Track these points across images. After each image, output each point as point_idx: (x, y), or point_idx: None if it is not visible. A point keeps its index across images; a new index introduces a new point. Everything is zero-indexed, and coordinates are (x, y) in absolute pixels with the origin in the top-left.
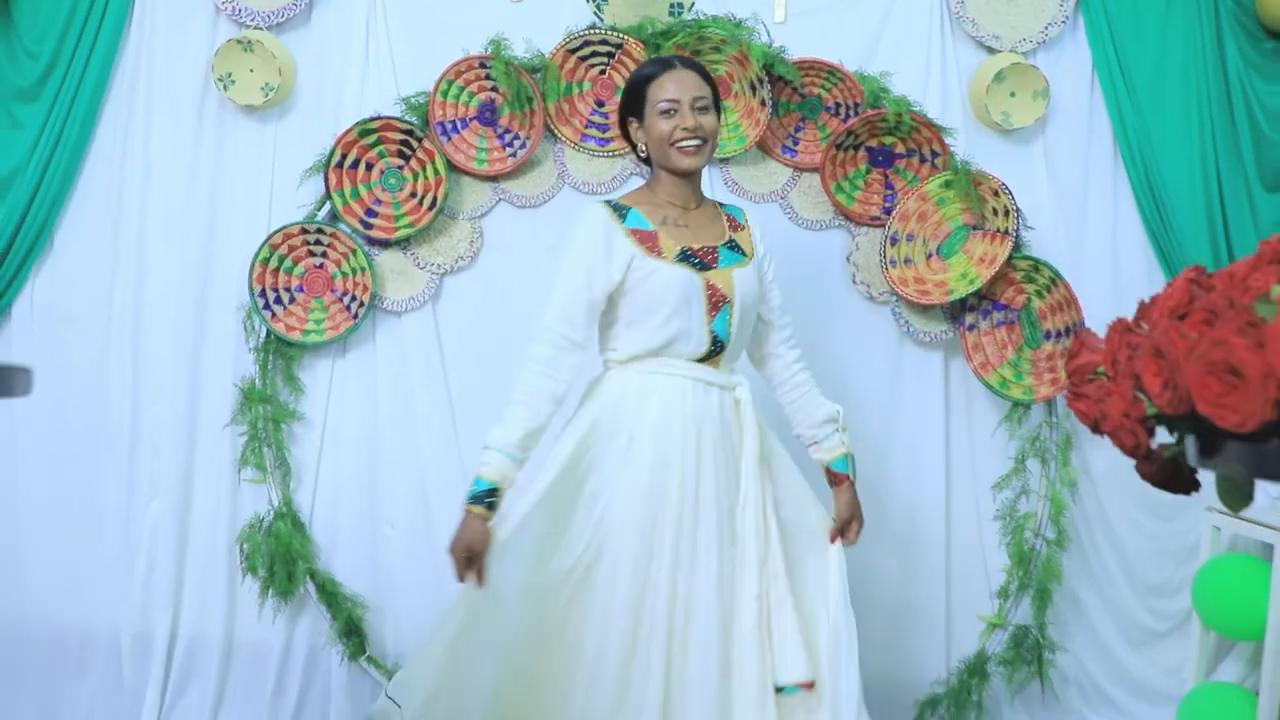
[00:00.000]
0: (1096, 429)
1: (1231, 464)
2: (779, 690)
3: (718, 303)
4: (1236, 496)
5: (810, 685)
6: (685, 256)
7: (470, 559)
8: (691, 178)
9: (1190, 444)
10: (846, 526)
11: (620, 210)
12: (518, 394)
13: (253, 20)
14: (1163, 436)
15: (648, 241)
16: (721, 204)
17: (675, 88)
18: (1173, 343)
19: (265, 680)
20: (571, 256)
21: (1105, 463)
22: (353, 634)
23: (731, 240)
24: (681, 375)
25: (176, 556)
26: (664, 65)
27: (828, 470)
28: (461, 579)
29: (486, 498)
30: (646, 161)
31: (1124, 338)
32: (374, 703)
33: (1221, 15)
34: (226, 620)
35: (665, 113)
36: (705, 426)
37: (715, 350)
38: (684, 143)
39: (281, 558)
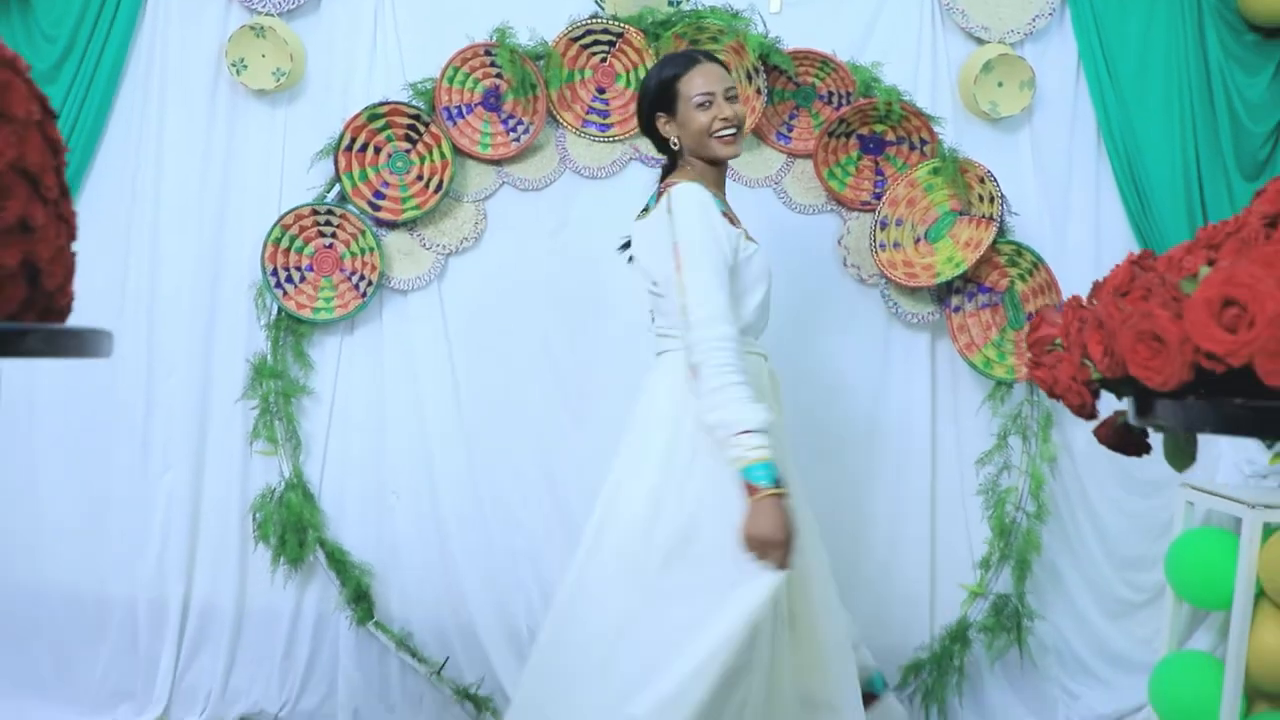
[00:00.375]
0: (1052, 393)
1: (1160, 418)
2: None
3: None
4: (1180, 457)
5: None
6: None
7: (789, 542)
8: (724, 166)
9: (1129, 404)
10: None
11: (714, 199)
12: (734, 375)
13: (264, 7)
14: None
15: (736, 224)
16: None
17: (707, 80)
18: (1111, 316)
19: (275, 644)
20: (705, 235)
21: (1086, 441)
22: (361, 600)
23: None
24: (759, 354)
25: (190, 526)
26: (691, 60)
27: None
28: (785, 567)
29: (777, 477)
30: (674, 154)
31: (1076, 313)
32: (380, 665)
33: (1204, 8)
34: (238, 587)
35: (701, 105)
36: (774, 402)
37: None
38: (722, 132)
39: (293, 527)
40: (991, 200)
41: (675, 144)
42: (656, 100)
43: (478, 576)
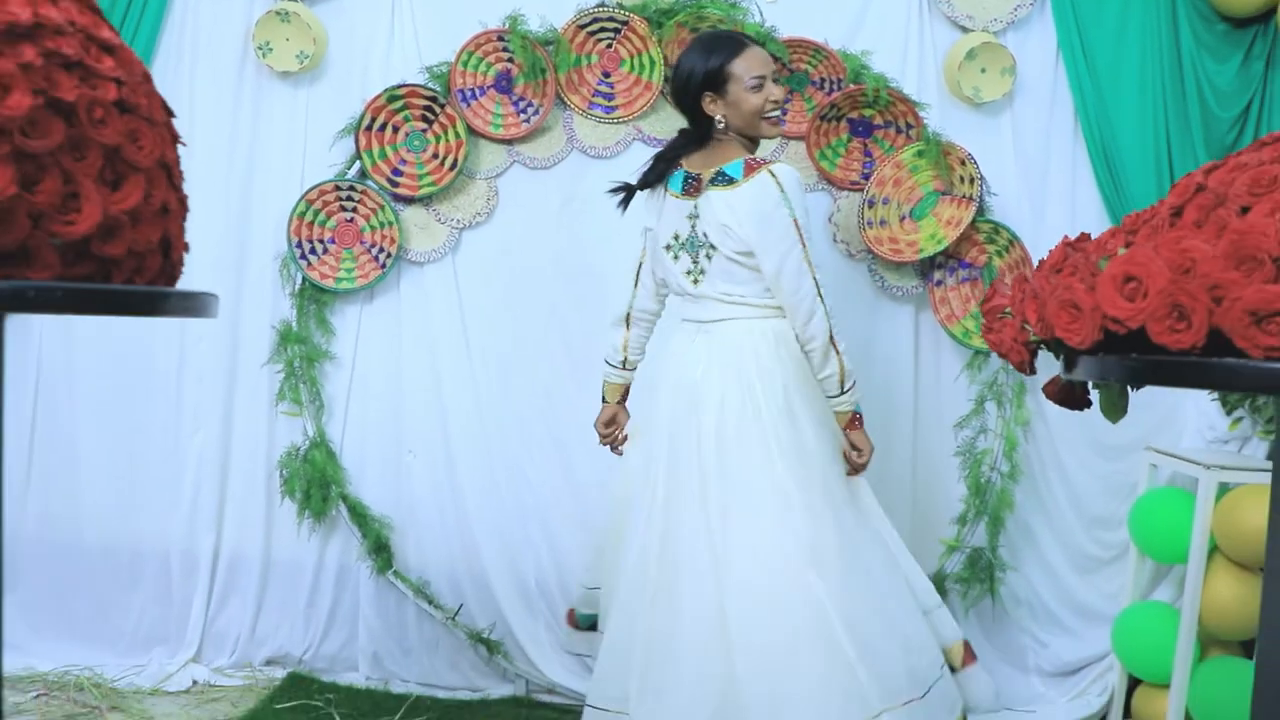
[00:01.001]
0: (1000, 353)
1: (1080, 372)
2: None
3: None
4: (1113, 410)
5: None
6: None
7: None
8: (759, 144)
9: (1060, 362)
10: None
11: None
12: (834, 337)
13: None
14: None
15: None
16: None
17: (759, 64)
18: (1043, 288)
19: (300, 593)
20: (801, 215)
21: (1059, 408)
22: (380, 551)
23: None
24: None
25: (219, 481)
26: (739, 44)
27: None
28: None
29: None
30: (706, 131)
31: (1021, 286)
32: (398, 612)
33: None
34: (264, 539)
35: (754, 87)
36: None
37: None
38: (772, 113)
39: (316, 483)
40: (972, 181)
41: (721, 122)
42: (706, 81)
43: (489, 529)
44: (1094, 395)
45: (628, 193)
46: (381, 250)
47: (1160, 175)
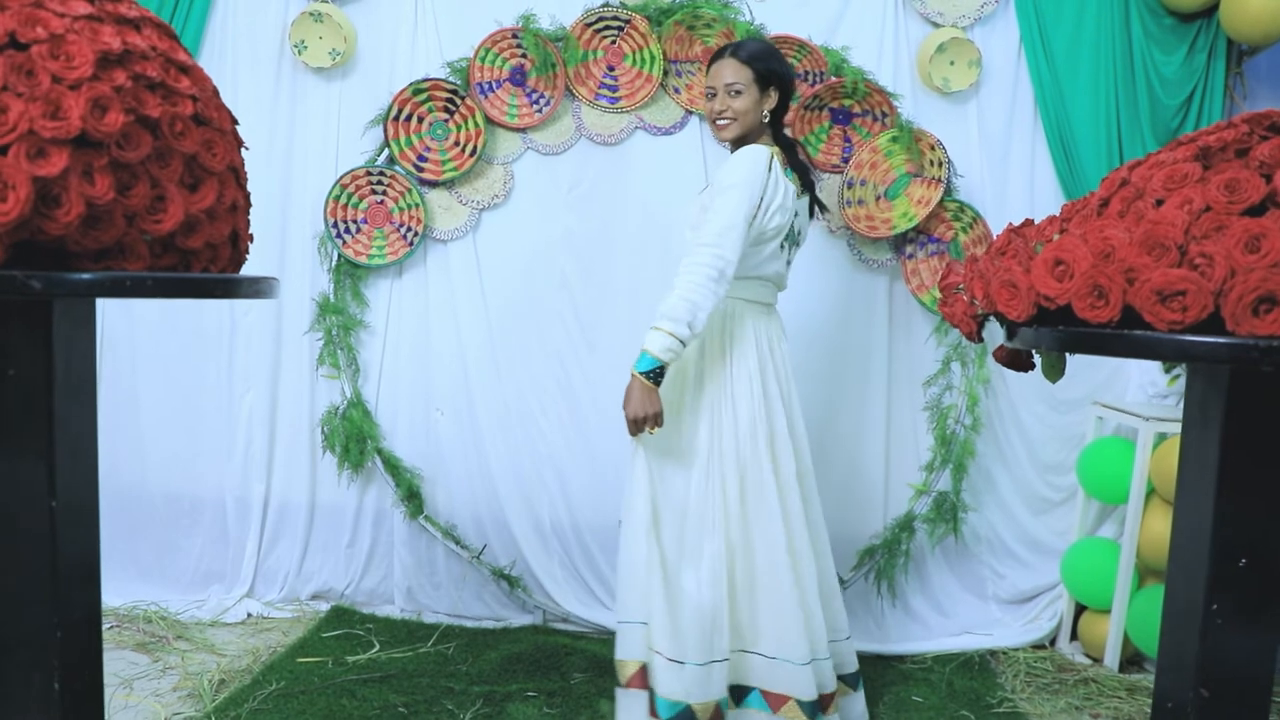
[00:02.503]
0: (953, 323)
1: (1019, 340)
2: None
3: None
4: (1052, 371)
5: None
6: None
7: None
8: (741, 143)
9: (1004, 332)
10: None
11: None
12: None
13: None
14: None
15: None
16: None
17: (712, 77)
18: (988, 269)
19: (341, 535)
20: None
21: None
22: (412, 498)
23: None
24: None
25: (268, 436)
26: (714, 58)
27: None
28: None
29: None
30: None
31: (972, 266)
32: (429, 551)
33: None
34: (309, 487)
35: (709, 97)
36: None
37: None
38: (715, 121)
39: (354, 438)
40: (940, 165)
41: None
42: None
43: (509, 477)
44: (1037, 360)
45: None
46: (409, 229)
47: (1111, 157)
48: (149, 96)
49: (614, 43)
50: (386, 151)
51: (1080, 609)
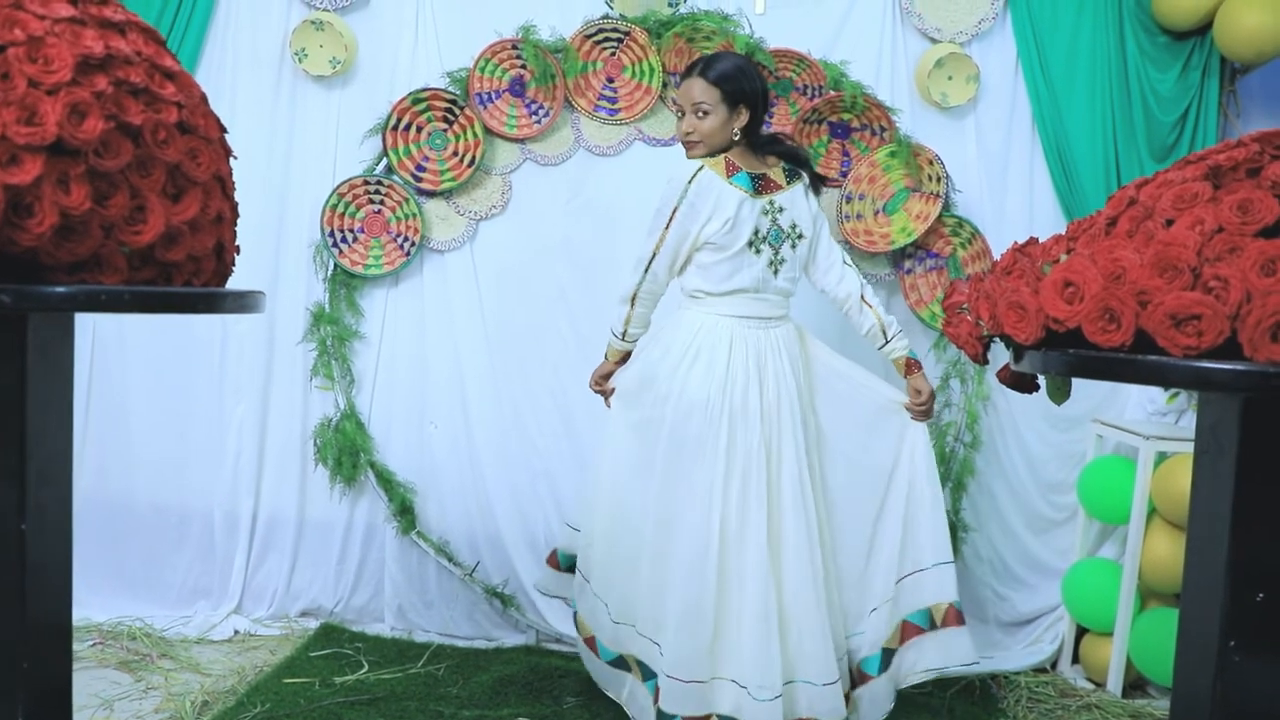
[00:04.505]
0: (957, 344)
1: (1027, 364)
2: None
3: None
4: (1058, 394)
5: None
6: None
7: None
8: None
9: (1010, 354)
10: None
11: None
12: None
13: (321, 4)
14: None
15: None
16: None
17: (681, 95)
18: (994, 289)
19: (331, 551)
20: None
21: None
22: (405, 513)
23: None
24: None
25: (258, 449)
26: (685, 74)
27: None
28: None
29: None
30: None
31: (976, 286)
32: (420, 568)
33: (1125, 14)
34: (299, 502)
35: (678, 115)
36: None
37: None
38: (683, 141)
39: (347, 450)
40: (939, 179)
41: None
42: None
43: (503, 493)
44: (1041, 381)
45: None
46: (406, 239)
47: (1108, 173)
48: (131, 103)
49: (613, 54)
50: (385, 161)
51: (1082, 631)
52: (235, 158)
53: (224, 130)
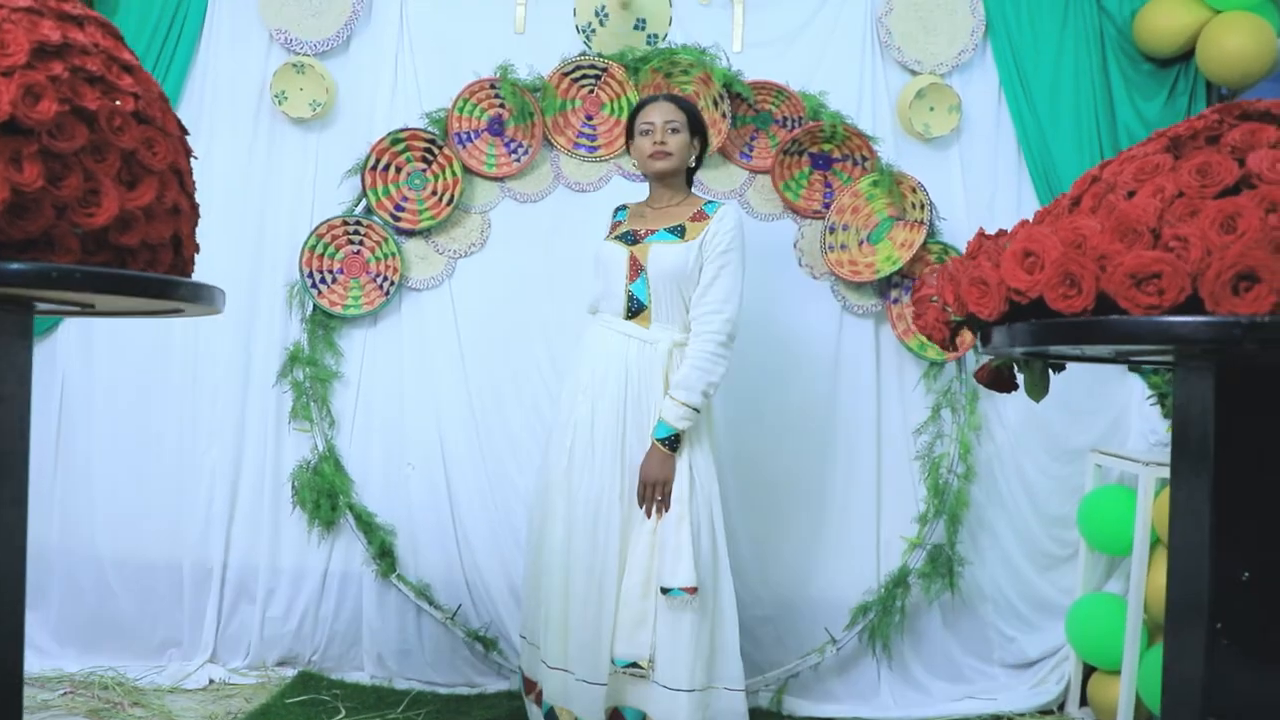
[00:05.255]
0: (926, 335)
1: (995, 344)
2: (665, 591)
3: (636, 271)
4: (1036, 389)
5: (693, 590)
6: (623, 236)
7: None
8: (663, 180)
9: (979, 339)
10: (641, 487)
11: (618, 209)
12: None
13: (301, 48)
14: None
15: (613, 229)
16: (708, 202)
17: (648, 114)
18: (958, 270)
19: (307, 598)
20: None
21: (1018, 414)
22: (385, 556)
23: (679, 225)
24: (607, 327)
25: (230, 495)
26: (649, 100)
27: None
28: None
29: None
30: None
31: (943, 272)
32: (400, 613)
33: (1106, 42)
34: (272, 548)
35: (641, 133)
36: (613, 365)
37: (635, 309)
38: (652, 155)
39: (325, 493)
40: (922, 207)
41: (636, 167)
42: (627, 132)
43: (483, 535)
44: (1020, 379)
45: None
46: (385, 279)
47: None
48: (87, 90)
49: (592, 92)
50: (364, 201)
51: (1089, 670)
52: (195, 157)
53: (185, 130)
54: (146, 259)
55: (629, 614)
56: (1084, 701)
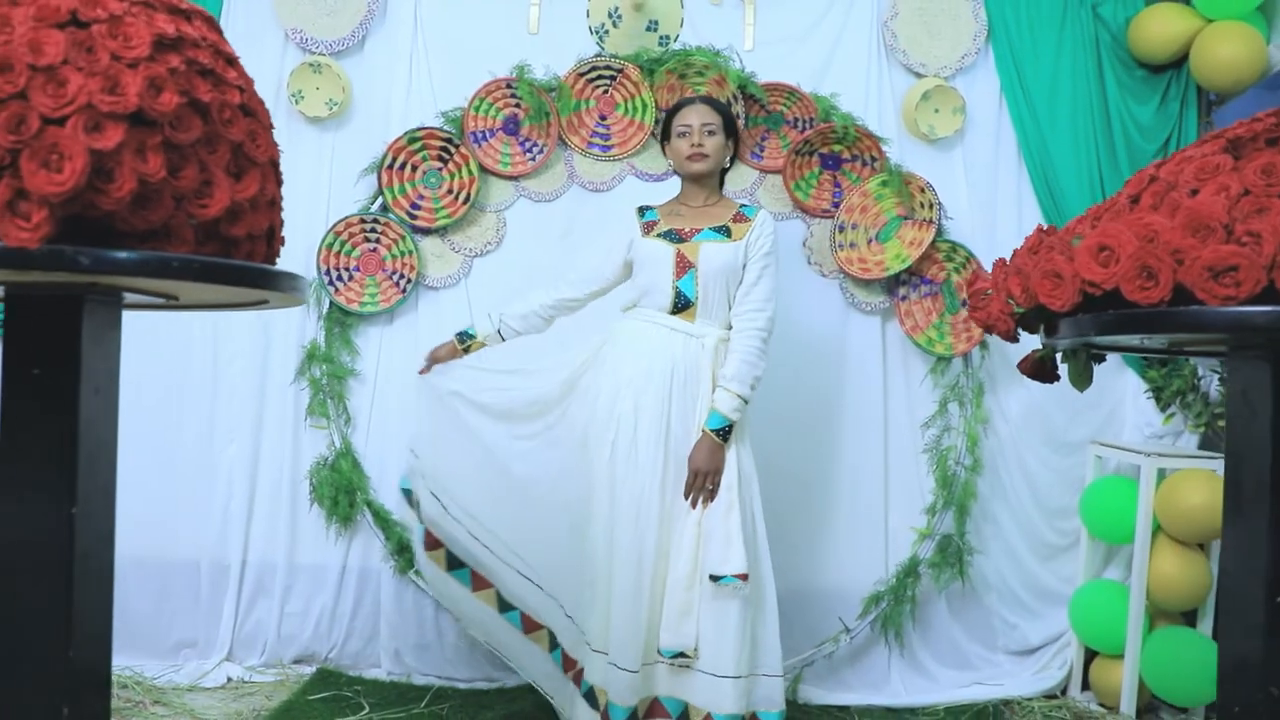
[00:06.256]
0: (987, 327)
1: (1063, 333)
2: (715, 579)
3: (684, 268)
4: (1080, 379)
5: (744, 577)
6: (666, 234)
7: None
8: (698, 181)
9: (1042, 329)
10: (692, 476)
11: (643, 210)
12: None
13: (316, 47)
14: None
15: (648, 228)
16: (743, 205)
17: (684, 116)
18: (1026, 264)
19: (325, 595)
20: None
21: (1019, 408)
22: (402, 552)
23: (724, 226)
24: (650, 321)
25: (248, 493)
26: (685, 102)
27: None
28: None
29: None
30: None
31: (1001, 269)
32: (417, 609)
33: (1102, 49)
34: (290, 545)
35: (678, 135)
36: (658, 359)
37: (681, 304)
38: (690, 156)
39: (344, 489)
40: (931, 207)
41: (670, 166)
42: (662, 134)
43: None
44: (1062, 370)
45: None
46: (402, 276)
47: (1094, 198)
48: (200, 82)
49: (606, 92)
50: (380, 199)
51: (1091, 655)
52: (283, 151)
53: (272, 125)
54: (247, 250)
55: (674, 604)
56: (1086, 685)
